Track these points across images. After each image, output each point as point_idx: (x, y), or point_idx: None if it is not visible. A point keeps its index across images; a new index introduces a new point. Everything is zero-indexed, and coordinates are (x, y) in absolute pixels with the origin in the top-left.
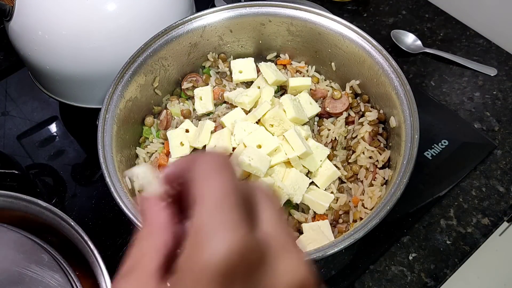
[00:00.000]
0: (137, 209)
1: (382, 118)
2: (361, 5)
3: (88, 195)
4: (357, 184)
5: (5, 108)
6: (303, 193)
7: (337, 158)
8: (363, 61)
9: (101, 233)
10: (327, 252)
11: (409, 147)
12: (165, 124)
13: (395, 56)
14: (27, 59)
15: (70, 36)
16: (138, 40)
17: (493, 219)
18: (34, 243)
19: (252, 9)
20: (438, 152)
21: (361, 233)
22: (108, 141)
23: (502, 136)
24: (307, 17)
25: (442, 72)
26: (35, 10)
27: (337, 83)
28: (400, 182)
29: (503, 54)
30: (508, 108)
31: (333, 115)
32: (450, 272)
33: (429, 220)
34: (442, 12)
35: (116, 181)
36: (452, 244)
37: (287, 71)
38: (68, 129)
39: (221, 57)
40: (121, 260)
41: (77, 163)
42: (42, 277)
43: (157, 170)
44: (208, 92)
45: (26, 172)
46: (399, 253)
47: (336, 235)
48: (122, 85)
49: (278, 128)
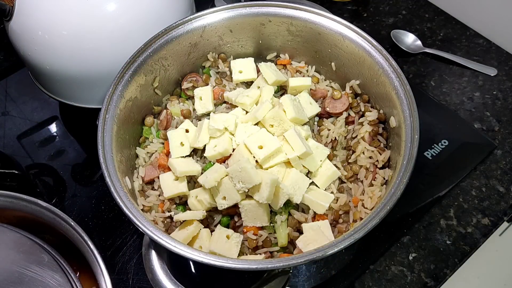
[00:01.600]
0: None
1: (382, 118)
2: (361, 5)
3: (88, 195)
4: (357, 184)
5: (5, 108)
6: (303, 193)
7: (337, 158)
8: (363, 61)
9: (101, 233)
10: (327, 252)
11: (409, 147)
12: (165, 124)
13: (395, 56)
14: (27, 59)
15: (70, 36)
16: (138, 40)
17: (493, 219)
18: (34, 243)
19: (252, 9)
20: (438, 152)
21: (361, 233)
22: (108, 141)
23: (502, 136)
24: (307, 17)
25: (442, 72)
26: (35, 10)
27: (337, 83)
28: (400, 182)
29: (503, 54)
30: (508, 108)
31: (333, 115)
32: (450, 272)
33: (429, 220)
34: (442, 12)
35: (116, 181)
36: (452, 244)
37: (287, 71)
38: (68, 129)
39: (221, 57)
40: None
41: (77, 163)
42: (42, 277)
43: (157, 170)
44: (208, 92)
45: (26, 172)
46: (399, 253)
47: (336, 235)
48: (122, 85)
49: (278, 128)
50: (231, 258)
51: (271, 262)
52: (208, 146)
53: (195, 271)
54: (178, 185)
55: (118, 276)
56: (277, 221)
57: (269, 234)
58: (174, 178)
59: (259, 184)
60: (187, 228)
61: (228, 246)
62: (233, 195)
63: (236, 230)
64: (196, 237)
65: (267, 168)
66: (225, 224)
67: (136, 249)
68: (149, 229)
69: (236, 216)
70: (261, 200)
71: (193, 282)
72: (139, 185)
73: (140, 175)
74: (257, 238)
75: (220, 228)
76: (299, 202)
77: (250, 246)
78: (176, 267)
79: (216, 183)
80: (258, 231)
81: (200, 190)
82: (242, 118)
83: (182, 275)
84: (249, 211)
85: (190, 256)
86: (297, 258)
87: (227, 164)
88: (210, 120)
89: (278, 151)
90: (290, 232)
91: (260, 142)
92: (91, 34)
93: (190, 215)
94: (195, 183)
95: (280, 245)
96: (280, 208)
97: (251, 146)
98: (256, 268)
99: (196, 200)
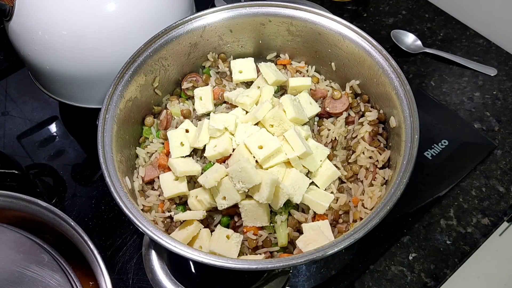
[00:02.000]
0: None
1: (382, 118)
2: (361, 5)
3: (88, 195)
4: (357, 184)
5: (5, 108)
6: (303, 193)
7: (337, 158)
8: (363, 61)
9: (101, 233)
10: (327, 252)
11: (409, 147)
12: (165, 124)
13: (395, 56)
14: (27, 59)
15: (70, 36)
16: (138, 40)
17: (493, 219)
18: (34, 243)
19: (252, 9)
20: (438, 152)
21: (361, 233)
22: (108, 141)
23: (502, 136)
24: (307, 17)
25: (442, 72)
26: (35, 10)
27: (337, 83)
28: (400, 182)
29: (503, 54)
30: (508, 108)
31: (333, 115)
32: (450, 272)
33: (429, 220)
34: (442, 12)
35: (116, 181)
36: (452, 244)
37: (287, 71)
38: (68, 129)
39: (221, 57)
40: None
41: (77, 163)
42: (42, 277)
43: (157, 170)
44: (208, 92)
45: (26, 172)
46: (399, 253)
47: (336, 235)
48: (122, 85)
49: (278, 128)
50: (231, 258)
51: (271, 262)
52: (208, 146)
53: (195, 271)
54: (178, 185)
55: (118, 276)
56: (277, 221)
57: (269, 234)
58: (174, 178)
59: (259, 184)
60: (187, 228)
61: (228, 246)
62: (233, 195)
63: (236, 230)
64: (196, 237)
65: (267, 168)
66: (225, 224)
67: (136, 249)
68: (149, 229)
69: (236, 216)
70: (261, 200)
71: (193, 282)
72: (139, 185)
73: (140, 175)
74: (257, 238)
75: (220, 228)
76: (299, 202)
77: (250, 246)
78: (176, 267)
79: (216, 183)
80: (258, 231)
81: (200, 190)
82: (242, 118)
83: (182, 275)
84: (249, 211)
85: (190, 256)
86: (297, 258)
87: (227, 164)
88: (210, 120)
89: (278, 151)
90: (290, 232)
91: (260, 142)
92: (91, 34)
93: (190, 215)
94: (195, 183)
95: (280, 245)
96: (280, 208)
97: (251, 146)
98: (256, 268)
99: (196, 200)
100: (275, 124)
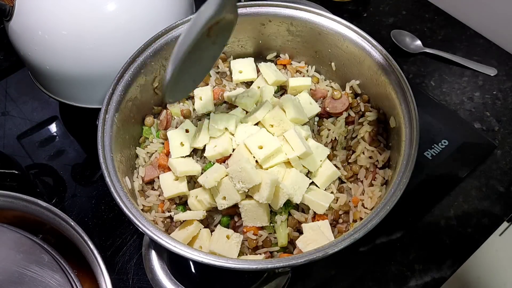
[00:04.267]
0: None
1: (382, 118)
2: (361, 5)
3: (88, 195)
4: (357, 184)
5: (5, 108)
6: (303, 193)
7: (337, 158)
8: (363, 61)
9: (101, 233)
10: (327, 252)
11: (409, 147)
12: (165, 124)
13: (395, 56)
14: (27, 59)
15: (70, 36)
16: (138, 40)
17: (493, 219)
18: (34, 243)
19: (252, 9)
20: (438, 152)
21: (361, 233)
22: (108, 141)
23: (502, 136)
24: (307, 17)
25: (442, 72)
26: (35, 10)
27: (337, 83)
28: (400, 182)
29: (503, 54)
30: (508, 108)
31: (333, 115)
32: (450, 272)
33: (429, 220)
34: (442, 12)
35: (116, 181)
36: (452, 244)
37: (287, 71)
38: (68, 129)
39: (221, 57)
40: (121, 260)
41: (77, 163)
42: (42, 277)
43: (157, 170)
44: (208, 92)
45: (26, 172)
46: (399, 253)
47: (336, 235)
48: (122, 85)
49: (278, 128)
50: (231, 258)
51: (271, 262)
52: (208, 146)
53: (195, 271)
54: (178, 185)
55: (118, 276)
56: (277, 221)
57: (269, 234)
58: (174, 178)
59: (259, 184)
60: (187, 228)
61: (228, 246)
62: (233, 195)
63: (236, 230)
64: (196, 237)
65: (267, 168)
66: (225, 224)
67: (136, 249)
68: (149, 229)
69: (236, 216)
70: (261, 200)
71: (193, 282)
72: (139, 185)
73: (140, 175)
74: (257, 238)
75: (220, 228)
76: (299, 202)
77: (250, 246)
78: (176, 267)
79: (216, 183)
80: (258, 231)
81: (200, 190)
82: (242, 118)
83: (182, 275)
84: (249, 211)
85: (190, 256)
86: (297, 258)
87: (227, 164)
88: (210, 120)
89: (278, 151)
90: (290, 232)
91: (260, 142)
92: (91, 34)
93: (190, 215)
94: (195, 183)
95: (280, 245)
96: (280, 208)
97: (251, 146)
98: (256, 268)
99: (196, 200)
100: (275, 124)
